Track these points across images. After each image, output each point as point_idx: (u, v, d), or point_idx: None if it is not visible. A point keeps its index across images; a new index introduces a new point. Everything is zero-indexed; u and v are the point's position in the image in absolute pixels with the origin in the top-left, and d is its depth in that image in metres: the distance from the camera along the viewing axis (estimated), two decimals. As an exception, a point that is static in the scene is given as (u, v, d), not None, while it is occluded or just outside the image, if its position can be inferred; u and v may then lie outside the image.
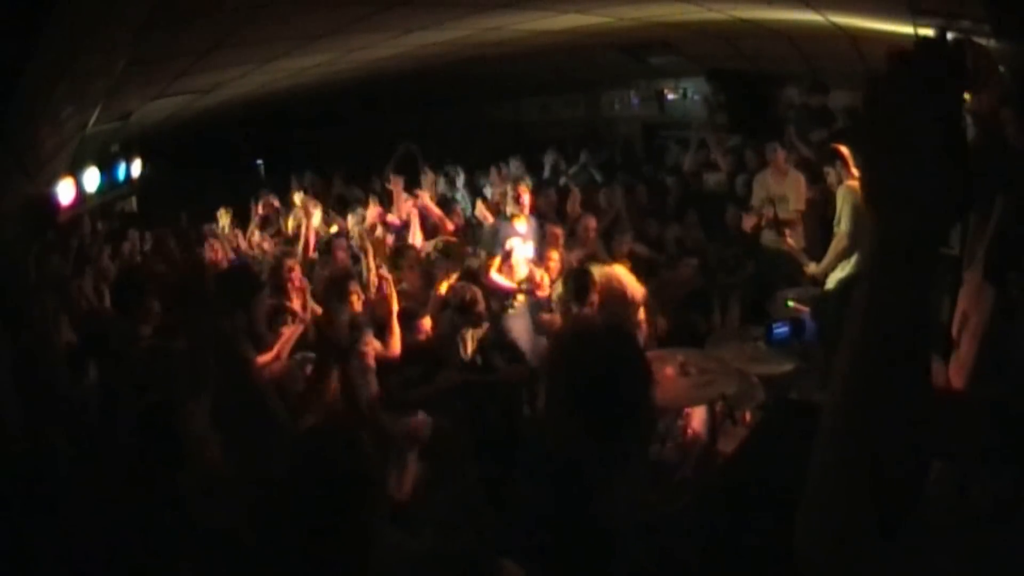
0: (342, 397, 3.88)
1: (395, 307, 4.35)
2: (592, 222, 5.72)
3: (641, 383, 1.57)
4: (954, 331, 1.58)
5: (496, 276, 4.98)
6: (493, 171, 6.79)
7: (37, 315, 2.93)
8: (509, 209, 5.08)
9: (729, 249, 6.13)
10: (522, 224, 5.13)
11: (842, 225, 4.81)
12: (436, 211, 6.16)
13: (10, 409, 2.29)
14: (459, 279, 5.04)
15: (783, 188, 5.73)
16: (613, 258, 5.93)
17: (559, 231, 5.34)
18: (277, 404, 1.66)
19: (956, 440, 0.83)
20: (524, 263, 5.08)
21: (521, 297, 4.96)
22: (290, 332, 4.12)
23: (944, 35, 0.72)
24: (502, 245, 5.00)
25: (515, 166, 7.65)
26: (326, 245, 5.83)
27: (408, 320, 4.61)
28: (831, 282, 4.87)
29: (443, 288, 4.70)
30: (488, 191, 7.35)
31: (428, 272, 5.33)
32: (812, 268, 5.20)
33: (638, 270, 5.69)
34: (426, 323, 4.56)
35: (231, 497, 1.72)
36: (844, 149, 4.99)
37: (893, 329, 0.71)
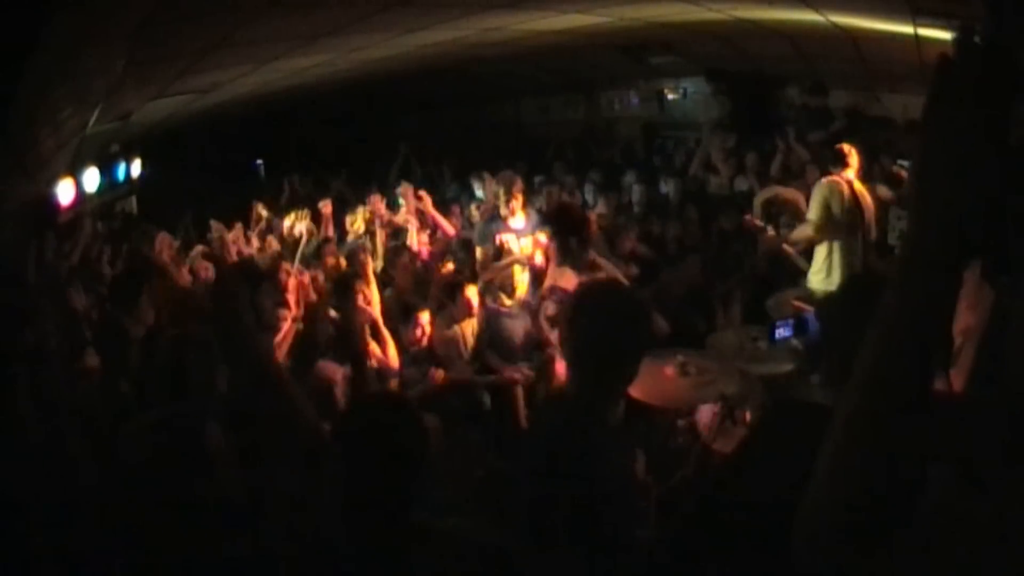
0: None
1: (378, 316, 4.38)
2: (594, 216, 5.87)
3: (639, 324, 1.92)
4: (954, 332, 1.59)
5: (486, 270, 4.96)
6: (486, 176, 6.79)
7: (37, 315, 2.94)
8: (503, 207, 5.05)
9: (729, 249, 6.12)
10: (518, 221, 5.11)
11: (812, 214, 4.81)
12: (439, 218, 6.19)
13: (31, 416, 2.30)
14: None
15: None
16: (616, 257, 5.94)
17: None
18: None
19: (955, 442, 0.83)
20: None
21: (520, 294, 4.93)
22: (286, 331, 4.15)
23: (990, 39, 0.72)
24: (492, 240, 4.99)
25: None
26: (316, 250, 5.84)
27: (407, 314, 4.63)
28: (815, 283, 4.88)
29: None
30: (480, 192, 7.33)
31: (423, 275, 5.35)
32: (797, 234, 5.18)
33: (641, 270, 5.72)
34: (423, 317, 4.56)
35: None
36: (846, 148, 4.99)
37: (921, 329, 0.72)
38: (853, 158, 4.94)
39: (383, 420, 1.65)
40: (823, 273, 4.96)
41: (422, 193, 6.32)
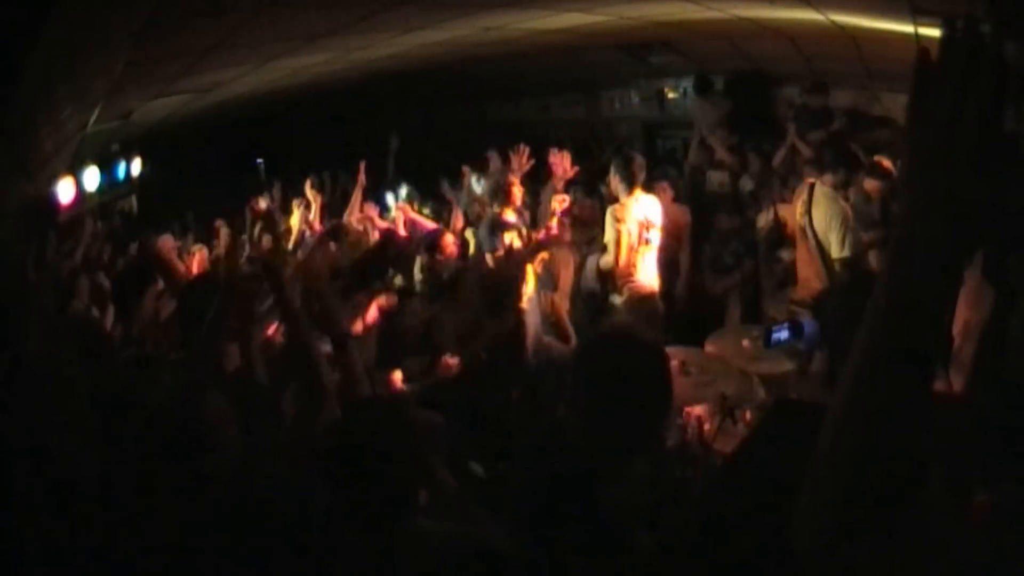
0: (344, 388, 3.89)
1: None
2: (589, 203, 6.13)
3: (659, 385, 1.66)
4: (954, 332, 1.59)
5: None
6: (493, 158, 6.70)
7: (37, 316, 2.93)
8: (496, 203, 5.04)
9: (727, 247, 6.12)
10: (511, 216, 5.11)
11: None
12: (421, 221, 6.22)
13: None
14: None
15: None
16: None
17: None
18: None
19: (955, 441, 0.83)
20: None
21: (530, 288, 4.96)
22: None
23: (975, 26, 0.71)
24: (499, 239, 4.98)
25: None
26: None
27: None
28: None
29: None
30: (477, 187, 7.28)
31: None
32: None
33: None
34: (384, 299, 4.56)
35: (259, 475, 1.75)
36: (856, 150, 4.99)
37: (910, 326, 0.71)
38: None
39: (375, 428, 1.64)
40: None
41: (403, 205, 6.41)
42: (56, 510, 1.84)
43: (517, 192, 5.02)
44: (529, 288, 4.88)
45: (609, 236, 4.96)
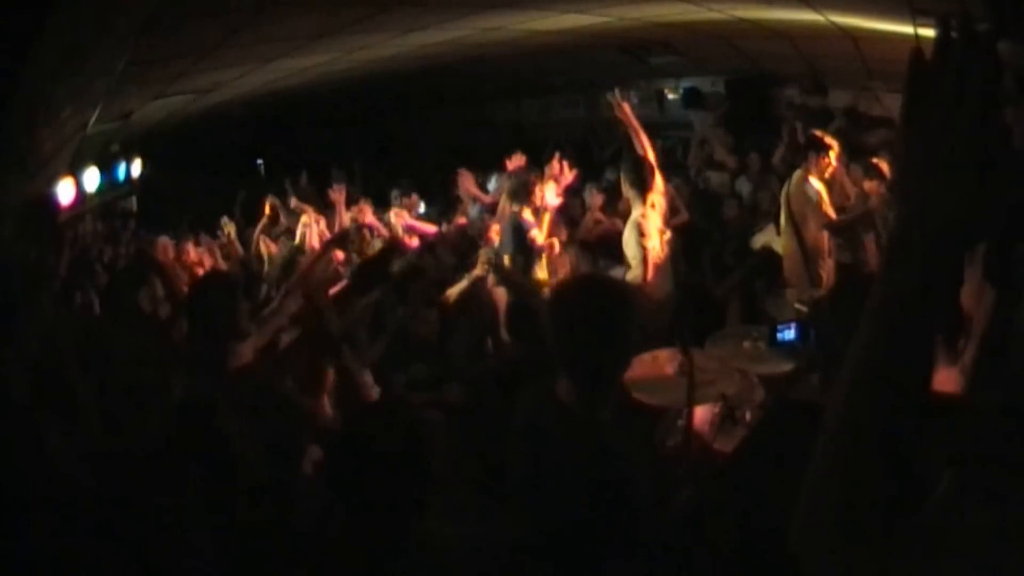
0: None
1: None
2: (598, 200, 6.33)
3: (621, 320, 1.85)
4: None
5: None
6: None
7: (37, 316, 2.93)
8: (517, 203, 5.02)
9: (727, 246, 6.12)
10: (527, 215, 5.10)
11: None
12: (417, 225, 6.22)
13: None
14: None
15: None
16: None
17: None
18: None
19: (958, 443, 0.83)
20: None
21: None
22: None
23: (970, 26, 0.71)
24: (530, 242, 4.94)
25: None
26: (289, 261, 5.82)
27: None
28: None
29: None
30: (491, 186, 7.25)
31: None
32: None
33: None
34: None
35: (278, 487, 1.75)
36: (829, 140, 5.01)
37: (903, 331, 0.71)
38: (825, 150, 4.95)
39: (382, 431, 1.63)
40: None
41: (400, 210, 6.39)
42: (55, 509, 1.84)
43: (539, 192, 5.02)
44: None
45: (634, 253, 4.62)
